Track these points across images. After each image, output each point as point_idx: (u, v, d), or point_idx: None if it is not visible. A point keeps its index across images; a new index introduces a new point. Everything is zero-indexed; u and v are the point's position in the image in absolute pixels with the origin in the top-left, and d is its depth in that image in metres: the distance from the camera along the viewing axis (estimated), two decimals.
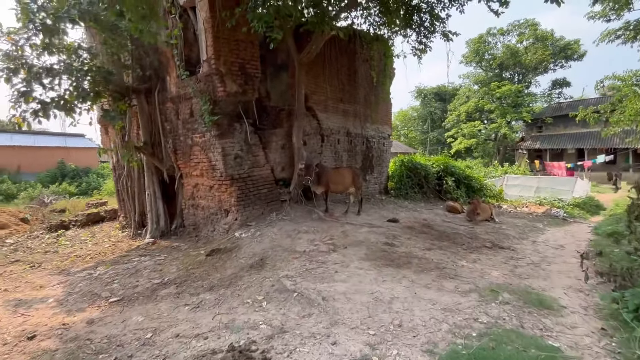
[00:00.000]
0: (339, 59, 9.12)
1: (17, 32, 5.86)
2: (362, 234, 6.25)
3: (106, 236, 9.86)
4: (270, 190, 7.31)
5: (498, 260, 5.38)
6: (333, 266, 4.74)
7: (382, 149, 11.39)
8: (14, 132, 25.25)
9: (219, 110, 6.47)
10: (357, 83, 9.86)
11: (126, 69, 7.66)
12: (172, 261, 5.75)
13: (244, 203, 6.78)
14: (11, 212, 12.81)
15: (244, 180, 6.79)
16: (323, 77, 8.72)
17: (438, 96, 41.37)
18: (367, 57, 10.17)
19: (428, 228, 7.20)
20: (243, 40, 6.53)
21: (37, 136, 26.20)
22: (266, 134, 7.28)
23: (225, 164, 6.44)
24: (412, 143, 44.41)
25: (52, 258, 7.53)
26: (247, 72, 6.69)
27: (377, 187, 11.25)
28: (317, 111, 8.54)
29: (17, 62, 5.90)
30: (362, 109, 10.25)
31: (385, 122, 11.50)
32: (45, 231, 10.98)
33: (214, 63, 6.13)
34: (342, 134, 9.49)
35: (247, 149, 6.81)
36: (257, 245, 5.73)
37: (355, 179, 7.67)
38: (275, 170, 7.50)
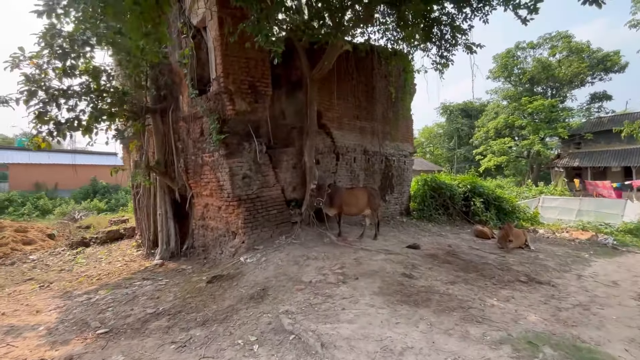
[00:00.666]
0: (355, 75, 8.82)
1: (38, 56, 6.05)
2: (377, 263, 5.67)
3: (121, 255, 9.86)
4: (280, 212, 6.94)
5: (536, 299, 4.59)
6: (340, 302, 4.20)
7: (403, 168, 10.79)
8: (51, 151, 27.06)
9: (228, 129, 6.28)
10: (374, 99, 9.47)
11: (142, 89, 7.77)
12: (172, 287, 5.44)
13: (251, 225, 6.43)
14: (39, 228, 13.32)
15: (252, 201, 6.47)
16: (338, 93, 8.42)
17: (464, 112, 40.12)
18: (385, 73, 9.81)
19: (453, 256, 6.47)
20: (253, 58, 6.40)
21: (74, 155, 27.83)
22: (277, 153, 6.99)
23: (232, 184, 6.18)
24: (438, 160, 43.00)
25: (63, 277, 7.51)
26: (258, 90, 6.51)
27: (398, 207, 10.59)
28: (331, 129, 8.20)
29: (35, 84, 6.06)
30: (381, 126, 9.80)
31: (406, 139, 10.94)
32: (67, 248, 11.23)
33: (223, 81, 5.99)
34: (358, 152, 9.05)
35: (256, 168, 6.53)
36: (261, 273, 5.30)
37: (371, 200, 7.15)
38: (286, 190, 7.15)
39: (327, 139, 8.11)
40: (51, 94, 6.00)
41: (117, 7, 3.74)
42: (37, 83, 6.03)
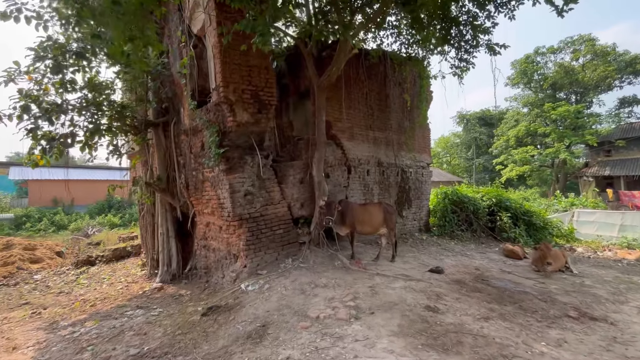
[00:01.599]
0: (367, 83, 8.25)
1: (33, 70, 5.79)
2: (395, 292, 4.92)
3: (125, 275, 9.45)
4: (286, 231, 6.32)
5: (594, 342, 3.73)
6: (352, 345, 3.49)
7: (421, 180, 10.02)
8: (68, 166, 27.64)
9: (229, 142, 5.79)
10: (388, 108, 8.85)
11: (142, 102, 7.44)
12: (165, 319, 4.85)
13: (254, 247, 5.83)
14: (49, 245, 13.17)
15: (255, 220, 5.89)
16: (348, 103, 7.86)
17: (482, 121, 38.83)
18: (399, 80, 9.20)
19: (483, 283, 5.62)
20: (256, 66, 5.93)
21: (90, 170, 28.36)
22: (282, 167, 6.43)
23: (233, 202, 5.63)
24: (455, 171, 41.58)
25: (60, 301, 7.09)
26: (261, 100, 6.02)
27: (417, 223, 9.78)
28: (341, 139, 7.60)
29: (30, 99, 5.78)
30: (396, 136, 9.13)
31: (423, 149, 10.21)
32: (72, 267, 10.94)
33: (222, 91, 5.53)
34: (372, 164, 8.39)
35: (259, 184, 5.97)
36: (262, 305, 4.65)
37: (387, 217, 6.43)
38: (293, 207, 6.54)
39: (338, 151, 7.50)
40: (44, 109, 5.68)
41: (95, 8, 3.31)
42: (31, 98, 5.76)
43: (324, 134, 6.48)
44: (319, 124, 6.44)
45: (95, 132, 6.37)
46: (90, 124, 6.38)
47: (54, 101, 5.81)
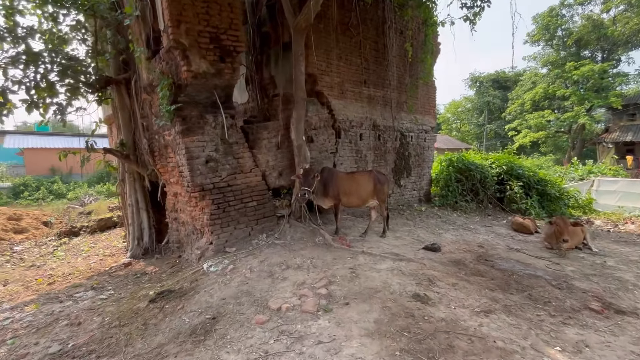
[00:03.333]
0: (361, 29, 6.98)
1: None
2: (379, 275, 4.15)
3: (105, 247, 8.95)
4: (260, 204, 5.50)
5: (624, 346, 2.93)
6: (312, 350, 2.76)
7: (423, 146, 8.97)
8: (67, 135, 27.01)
9: (185, 98, 4.81)
10: (386, 61, 7.61)
11: (99, 56, 6.39)
12: (110, 305, 4.21)
13: (220, 222, 5.05)
14: (35, 215, 12.78)
15: (222, 191, 5.06)
16: (338, 52, 6.67)
17: (497, 83, 36.36)
18: (400, 28, 7.86)
19: (486, 264, 4.80)
20: (216, 2, 4.78)
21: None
22: (255, 130, 5.48)
23: (191, 171, 4.77)
24: (465, 138, 39.83)
25: (25, 276, 6.59)
26: (224, 46, 4.93)
27: (416, 194, 8.88)
28: (329, 97, 6.52)
29: None
30: (395, 95, 7.97)
31: (427, 110, 9.05)
32: (55, 237, 10.53)
33: (172, 32, 4.46)
34: (365, 127, 7.35)
35: (225, 149, 5.06)
36: (220, 290, 3.94)
37: (377, 187, 5.52)
38: (269, 176, 5.67)
39: (323, 111, 6.46)
40: None
41: None
42: None
43: (303, 88, 5.43)
44: (297, 76, 5.37)
45: (38, 90, 5.44)
46: (32, 80, 5.44)
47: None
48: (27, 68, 5.41)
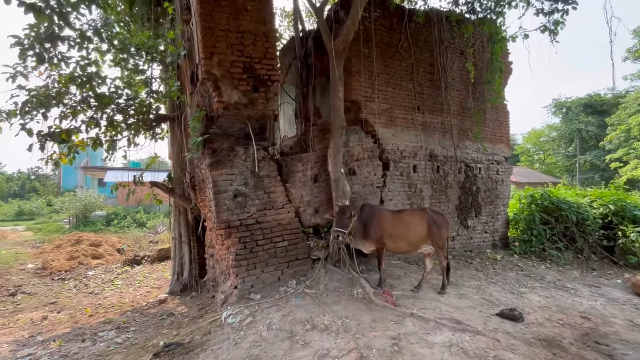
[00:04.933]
0: (413, 51, 6.32)
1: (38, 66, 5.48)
2: (432, 354, 3.05)
3: (156, 278, 9.18)
4: (293, 244, 4.87)
5: None
6: None
7: (495, 179, 7.53)
8: (154, 170, 30.71)
9: (217, 130, 4.61)
10: (444, 84, 6.72)
11: (156, 94, 6.84)
12: (120, 352, 3.86)
13: (247, 264, 4.52)
14: (112, 242, 14.12)
15: (249, 229, 4.58)
16: (386, 77, 6.05)
17: (590, 108, 31.45)
18: (460, 47, 6.99)
19: (598, 351, 3.30)
20: (251, 32, 4.65)
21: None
22: (288, 162, 5.01)
23: (217, 206, 4.42)
24: (551, 170, 34.62)
25: (80, 303, 6.88)
26: (258, 75, 4.71)
27: (489, 237, 7.34)
28: (375, 125, 5.83)
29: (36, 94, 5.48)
30: (456, 121, 6.93)
31: (499, 138, 7.69)
32: (121, 265, 11.28)
33: (204, 64, 4.38)
34: (420, 157, 6.39)
35: (255, 182, 4.66)
36: (228, 352, 3.28)
37: (433, 230, 4.46)
38: (303, 213, 5.06)
39: (367, 140, 5.75)
40: (39, 102, 5.31)
41: None
42: (42, 95, 5.46)
43: (341, 116, 4.86)
44: (335, 102, 4.85)
45: (106, 128, 5.90)
46: (101, 120, 5.94)
47: (49, 93, 5.41)
48: (98, 109, 5.92)
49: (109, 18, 6.43)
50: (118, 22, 7.46)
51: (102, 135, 6.05)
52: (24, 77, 5.42)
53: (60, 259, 11.13)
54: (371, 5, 6.00)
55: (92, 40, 5.55)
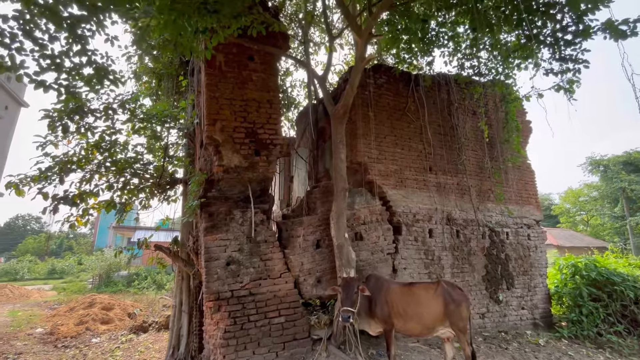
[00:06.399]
0: (422, 113, 6.27)
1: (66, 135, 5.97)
2: None
3: (157, 350, 8.56)
4: (290, 320, 4.32)
5: None
6: None
7: (527, 245, 6.71)
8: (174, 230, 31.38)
9: (216, 193, 4.53)
10: (457, 144, 6.49)
11: (168, 160, 7.12)
12: None
13: (236, 343, 4.00)
14: (124, 305, 13.78)
15: (241, 302, 4.16)
16: (393, 138, 5.94)
17: (631, 166, 29.50)
18: (472, 107, 6.89)
19: None
20: (255, 100, 4.82)
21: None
22: (289, 225, 4.74)
23: (208, 275, 4.11)
24: (598, 233, 31.44)
25: None
26: (260, 140, 4.75)
27: (527, 314, 6.28)
28: (383, 187, 5.54)
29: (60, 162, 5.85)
30: (474, 181, 6.50)
31: (526, 200, 7.06)
32: (127, 332, 10.77)
33: (207, 129, 4.50)
34: (436, 221, 5.88)
35: (250, 248, 4.37)
36: None
37: (449, 308, 3.79)
38: (304, 283, 4.59)
39: (375, 202, 5.42)
40: (60, 168, 5.62)
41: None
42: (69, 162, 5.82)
43: (343, 177, 4.65)
44: (337, 163, 4.70)
45: (127, 191, 6.09)
46: (116, 184, 6.16)
47: (71, 159, 5.74)
48: (116, 174, 6.18)
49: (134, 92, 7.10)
50: (149, 95, 8.25)
51: (117, 198, 6.20)
52: (53, 146, 5.86)
53: (69, 323, 10.87)
54: (377, 72, 6.21)
55: (117, 111, 6.03)
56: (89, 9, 3.07)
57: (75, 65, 3.54)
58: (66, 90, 3.51)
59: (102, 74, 3.76)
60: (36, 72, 3.23)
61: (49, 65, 3.30)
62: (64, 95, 3.81)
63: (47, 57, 3.26)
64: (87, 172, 5.93)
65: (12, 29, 2.96)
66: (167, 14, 2.96)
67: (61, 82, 3.50)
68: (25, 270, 27.83)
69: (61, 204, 5.46)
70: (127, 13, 3.00)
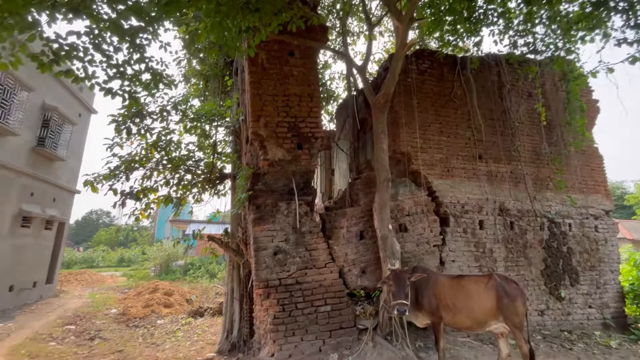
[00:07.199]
0: (469, 98, 5.92)
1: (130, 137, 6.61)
2: None
3: (213, 333, 9.22)
4: (336, 309, 4.41)
5: None
6: None
7: (595, 238, 6.08)
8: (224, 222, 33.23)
9: (262, 186, 4.73)
10: (510, 129, 6.04)
11: (219, 156, 7.56)
12: None
13: (285, 329, 4.19)
14: (183, 291, 14.99)
15: (288, 290, 4.33)
16: (438, 126, 5.69)
17: None
18: (527, 88, 6.34)
19: None
20: (296, 94, 4.92)
21: None
22: (332, 217, 4.80)
23: (257, 263, 4.34)
24: None
25: (142, 353, 7.17)
26: (302, 133, 4.85)
27: (595, 313, 5.72)
28: (429, 177, 5.35)
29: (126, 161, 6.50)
30: (531, 169, 6.01)
31: (593, 188, 6.37)
32: (186, 316, 11.74)
33: (252, 126, 4.70)
34: (487, 211, 5.56)
35: (296, 239, 4.51)
36: None
37: (503, 302, 3.60)
38: (348, 274, 4.64)
39: (420, 193, 5.26)
40: (127, 166, 6.25)
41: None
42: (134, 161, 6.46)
43: (386, 168, 4.58)
44: (379, 154, 4.63)
45: (182, 186, 6.63)
46: (172, 180, 6.71)
47: (134, 158, 6.34)
48: (172, 171, 6.73)
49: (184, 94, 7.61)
50: (197, 96, 8.79)
51: (173, 192, 6.75)
52: (119, 147, 6.52)
53: (137, 305, 12.11)
54: (419, 58, 5.97)
55: (170, 113, 6.53)
56: (146, 19, 3.36)
57: (135, 72, 3.90)
58: (129, 95, 3.87)
59: (157, 78, 4.11)
60: (105, 80, 3.62)
61: (114, 74, 3.68)
62: (127, 100, 4.23)
63: (113, 66, 3.64)
64: (148, 169, 6.51)
65: (84, 43, 3.33)
66: (213, 16, 3.14)
67: (125, 89, 3.87)
68: (99, 259, 31.40)
69: (128, 199, 6.08)
70: (179, 20, 3.22)
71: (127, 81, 4.00)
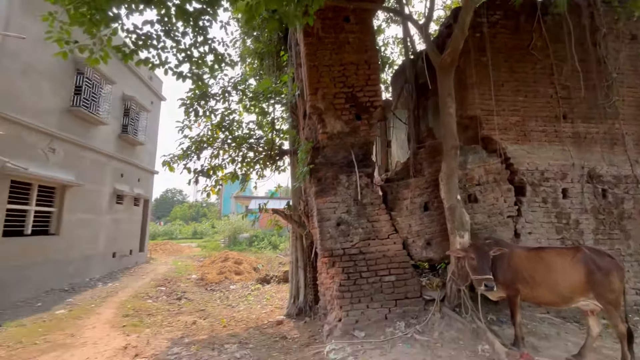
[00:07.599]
0: (551, 49, 5.13)
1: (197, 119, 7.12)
2: None
3: (280, 298, 9.95)
4: (401, 279, 4.40)
5: None
6: None
7: None
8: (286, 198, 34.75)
9: (322, 159, 4.78)
10: (605, 80, 5.13)
11: (278, 132, 7.78)
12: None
13: (351, 296, 4.33)
14: (250, 260, 16.31)
15: (352, 259, 4.42)
16: (514, 85, 5.07)
17: None
18: (629, 31, 5.27)
19: None
20: (352, 63, 4.75)
21: None
22: (394, 188, 4.68)
23: (321, 233, 4.48)
24: None
25: (220, 313, 8.06)
26: (360, 103, 4.71)
27: None
28: (502, 142, 4.87)
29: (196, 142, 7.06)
30: (634, 128, 5.11)
31: None
32: (254, 282, 12.82)
33: (310, 99, 4.69)
34: (572, 178, 4.92)
35: (357, 210, 4.53)
36: None
37: (594, 277, 3.23)
38: (412, 245, 4.55)
39: (492, 160, 4.82)
40: (197, 147, 6.77)
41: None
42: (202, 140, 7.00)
43: (453, 134, 4.26)
44: (445, 119, 4.31)
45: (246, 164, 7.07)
46: (237, 157, 7.15)
47: (202, 139, 6.83)
48: (236, 149, 7.15)
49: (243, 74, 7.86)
50: (253, 75, 9.03)
51: (239, 170, 7.19)
52: (189, 129, 7.07)
53: (212, 272, 13.53)
54: (490, 9, 5.29)
55: (231, 94, 6.83)
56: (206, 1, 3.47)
57: (200, 55, 4.11)
58: (198, 77, 4.12)
59: (220, 58, 4.28)
60: (176, 65, 3.89)
61: (183, 57, 3.92)
62: (195, 83, 4.51)
63: (182, 50, 3.87)
64: (215, 149, 6.99)
65: (156, 31, 3.59)
66: None
67: (193, 70, 4.11)
68: (177, 232, 35.41)
69: (200, 176, 6.64)
70: None
71: (194, 65, 4.25)
